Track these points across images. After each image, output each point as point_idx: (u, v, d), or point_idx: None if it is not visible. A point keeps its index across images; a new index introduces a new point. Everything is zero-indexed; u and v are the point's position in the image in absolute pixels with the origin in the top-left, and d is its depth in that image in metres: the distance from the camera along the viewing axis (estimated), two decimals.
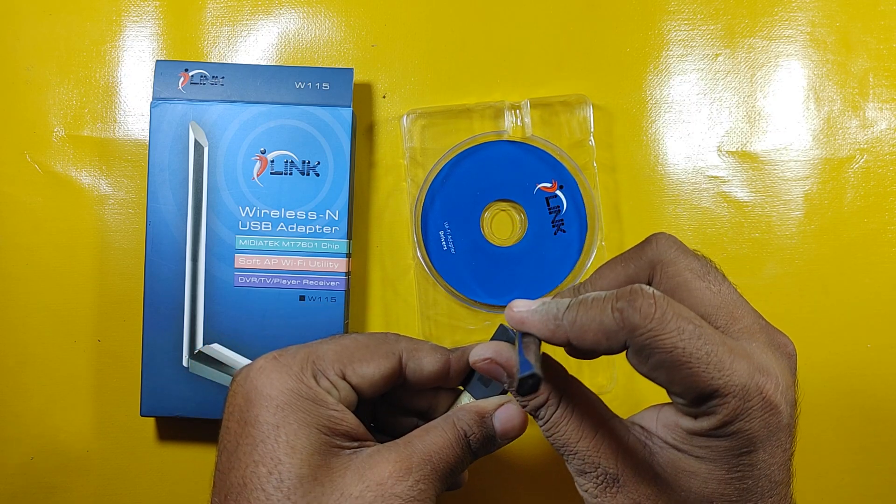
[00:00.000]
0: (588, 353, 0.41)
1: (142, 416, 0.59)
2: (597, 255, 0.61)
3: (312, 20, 0.64)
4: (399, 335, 0.48)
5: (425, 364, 0.47)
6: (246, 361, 0.58)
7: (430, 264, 0.62)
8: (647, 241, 0.44)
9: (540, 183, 0.62)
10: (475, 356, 0.46)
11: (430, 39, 0.65)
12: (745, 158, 0.64)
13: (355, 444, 0.43)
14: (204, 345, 0.59)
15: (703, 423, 0.39)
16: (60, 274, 0.64)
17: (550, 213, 0.62)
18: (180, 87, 0.59)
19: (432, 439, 0.43)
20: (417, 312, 0.62)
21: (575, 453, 0.42)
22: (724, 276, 0.43)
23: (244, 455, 0.41)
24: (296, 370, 0.43)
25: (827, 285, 0.63)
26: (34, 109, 0.64)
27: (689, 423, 0.40)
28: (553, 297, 0.43)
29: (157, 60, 0.60)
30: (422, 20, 0.65)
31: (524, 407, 0.44)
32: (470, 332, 0.62)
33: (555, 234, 0.62)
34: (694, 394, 0.38)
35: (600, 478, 0.41)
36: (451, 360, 0.47)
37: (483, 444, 0.45)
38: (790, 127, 0.64)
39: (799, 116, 0.64)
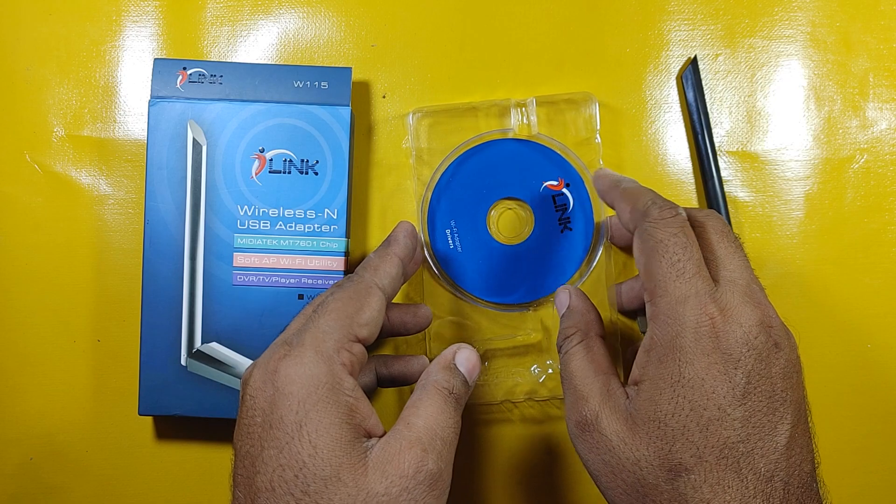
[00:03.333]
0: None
1: (140, 414, 0.59)
2: (603, 252, 0.61)
3: (312, 20, 0.64)
4: (354, 273, 0.50)
5: (392, 272, 0.50)
6: (244, 360, 0.58)
7: (437, 263, 0.62)
8: (702, 211, 0.51)
9: (546, 181, 0.62)
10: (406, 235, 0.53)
11: (430, 39, 0.65)
12: (746, 158, 0.64)
13: (370, 437, 0.43)
14: (202, 343, 0.58)
15: (648, 333, 0.45)
16: (60, 274, 0.64)
17: (557, 210, 0.61)
18: (178, 86, 0.59)
19: (428, 412, 0.45)
20: None
21: (573, 387, 0.48)
22: (742, 249, 0.48)
23: (270, 459, 0.41)
24: (310, 356, 0.43)
25: (827, 285, 0.63)
26: (34, 109, 0.64)
27: (644, 340, 0.46)
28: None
29: (156, 59, 0.60)
30: (422, 20, 0.65)
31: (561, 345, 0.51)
32: (476, 330, 0.62)
33: (561, 231, 0.61)
34: (651, 284, 0.46)
35: (582, 414, 0.46)
36: (399, 255, 0.51)
37: (463, 393, 0.48)
38: (790, 127, 0.64)
39: (799, 116, 0.64)
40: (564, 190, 0.62)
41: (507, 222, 0.63)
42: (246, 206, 0.59)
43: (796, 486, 0.42)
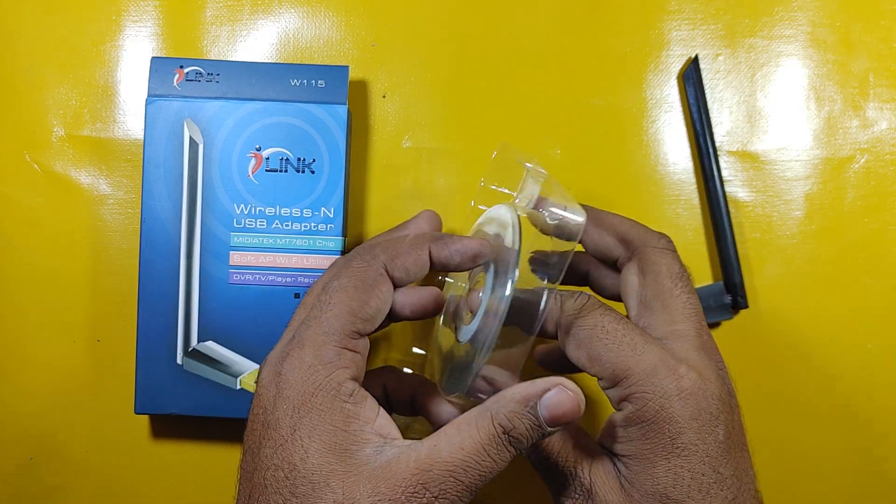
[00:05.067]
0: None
1: (136, 413, 0.59)
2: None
3: (312, 20, 0.65)
4: (367, 249, 0.46)
5: (410, 266, 0.46)
6: (240, 359, 0.58)
7: None
8: (648, 230, 0.50)
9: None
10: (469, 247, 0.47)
11: (430, 39, 0.64)
12: (746, 158, 0.64)
13: (379, 439, 0.41)
14: (198, 342, 0.58)
15: (626, 411, 0.42)
16: (60, 274, 0.64)
17: None
18: (175, 84, 0.59)
19: (461, 442, 0.40)
20: None
21: (556, 466, 0.44)
22: (692, 288, 0.47)
23: (266, 458, 0.41)
24: (309, 361, 0.42)
25: (827, 285, 0.63)
26: (33, 109, 0.64)
27: (619, 416, 0.43)
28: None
29: (153, 57, 0.60)
30: (422, 20, 0.65)
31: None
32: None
33: None
34: (609, 370, 0.43)
35: (577, 491, 0.43)
36: (433, 254, 0.46)
37: (527, 437, 0.41)
38: (790, 127, 0.64)
39: (799, 116, 0.64)
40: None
41: None
42: (242, 205, 0.59)
43: None
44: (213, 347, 0.58)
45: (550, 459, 0.44)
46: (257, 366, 0.58)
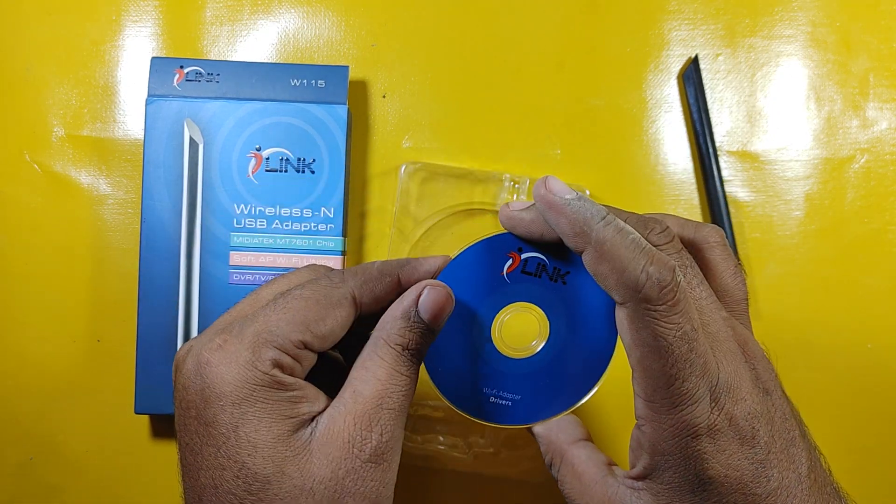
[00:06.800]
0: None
1: (136, 413, 0.59)
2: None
3: (312, 20, 0.65)
4: (337, 272, 0.45)
5: (378, 292, 0.44)
6: None
7: None
8: (703, 223, 0.46)
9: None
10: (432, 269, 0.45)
11: (430, 39, 0.64)
12: (746, 158, 0.64)
13: (312, 414, 0.41)
14: None
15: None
16: (60, 274, 0.64)
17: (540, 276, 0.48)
18: (175, 84, 0.59)
19: (374, 375, 0.41)
20: None
21: None
22: (745, 283, 0.45)
23: (209, 457, 0.39)
24: (247, 357, 0.39)
25: (827, 285, 0.63)
26: (33, 109, 0.64)
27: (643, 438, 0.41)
28: (581, 196, 0.42)
29: (153, 57, 0.60)
30: (422, 20, 0.65)
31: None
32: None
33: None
34: (649, 386, 0.39)
35: None
36: (402, 280, 0.45)
37: (422, 343, 0.43)
38: (790, 127, 0.64)
39: (799, 116, 0.64)
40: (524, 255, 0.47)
41: (516, 330, 0.48)
42: (242, 205, 0.59)
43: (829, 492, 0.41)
44: None
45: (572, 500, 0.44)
46: None
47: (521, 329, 0.47)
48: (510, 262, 0.46)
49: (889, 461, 0.62)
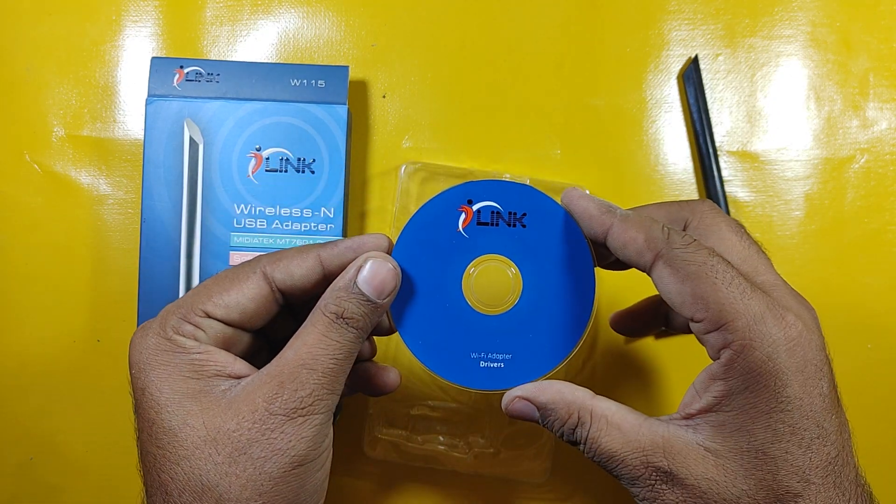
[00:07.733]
0: (616, 263, 0.46)
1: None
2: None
3: (312, 20, 0.65)
4: (251, 260, 0.46)
5: (294, 269, 0.45)
6: None
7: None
8: (689, 201, 0.48)
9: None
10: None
11: (430, 39, 0.64)
12: (746, 158, 0.64)
13: (232, 380, 0.42)
14: None
15: (726, 359, 0.40)
16: (60, 274, 0.64)
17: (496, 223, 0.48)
18: (175, 84, 0.59)
19: (303, 340, 0.42)
20: None
21: (622, 461, 0.42)
22: (753, 239, 0.46)
23: (137, 423, 0.42)
24: (154, 328, 0.43)
25: (827, 285, 0.63)
26: (33, 109, 0.64)
27: (718, 367, 0.41)
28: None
29: (153, 57, 0.60)
30: (422, 20, 0.65)
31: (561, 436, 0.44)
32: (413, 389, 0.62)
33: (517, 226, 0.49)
34: (715, 312, 0.40)
35: (653, 477, 0.41)
36: (322, 258, 0.45)
37: (363, 314, 0.43)
38: (790, 127, 0.64)
39: (799, 116, 0.64)
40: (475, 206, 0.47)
41: (487, 285, 0.48)
42: (242, 205, 0.59)
43: (864, 479, 0.42)
44: None
45: (616, 458, 0.42)
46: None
47: (492, 283, 0.47)
48: (463, 216, 0.47)
49: (889, 461, 0.62)
